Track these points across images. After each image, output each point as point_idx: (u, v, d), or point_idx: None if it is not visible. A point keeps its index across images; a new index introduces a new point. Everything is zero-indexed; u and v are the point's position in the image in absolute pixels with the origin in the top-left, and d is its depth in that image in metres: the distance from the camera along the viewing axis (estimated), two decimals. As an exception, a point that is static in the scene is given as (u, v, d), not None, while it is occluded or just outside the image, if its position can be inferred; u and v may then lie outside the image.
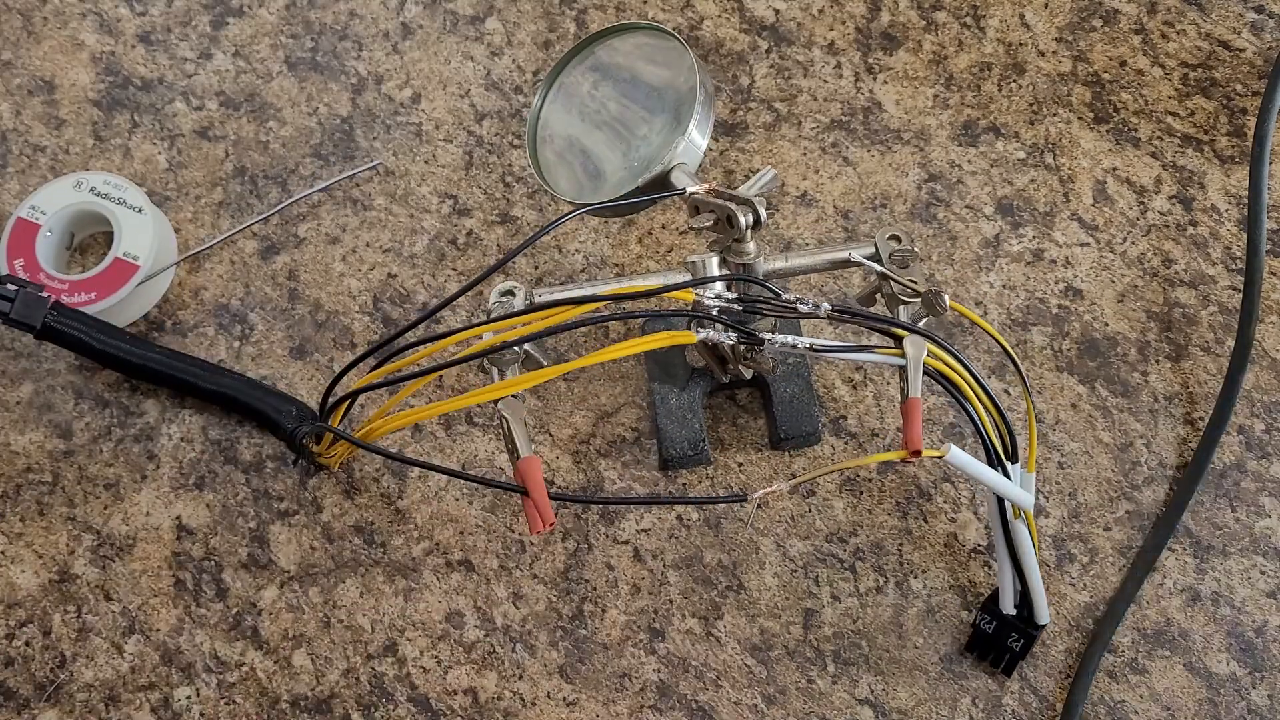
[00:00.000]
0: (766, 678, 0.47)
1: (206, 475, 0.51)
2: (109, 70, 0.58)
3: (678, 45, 0.44)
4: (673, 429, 0.49)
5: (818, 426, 0.49)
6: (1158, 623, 0.47)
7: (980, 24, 0.58)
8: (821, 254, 0.45)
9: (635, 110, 0.44)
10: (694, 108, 0.42)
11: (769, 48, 0.58)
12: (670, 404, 0.49)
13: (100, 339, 0.50)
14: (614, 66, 0.46)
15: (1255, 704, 0.46)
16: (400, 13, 0.59)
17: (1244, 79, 0.56)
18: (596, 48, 0.46)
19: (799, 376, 0.50)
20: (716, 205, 0.41)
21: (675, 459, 0.49)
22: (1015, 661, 0.46)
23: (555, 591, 0.48)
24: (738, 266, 0.43)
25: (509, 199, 0.55)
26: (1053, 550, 0.48)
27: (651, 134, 0.44)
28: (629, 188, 0.42)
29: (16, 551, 0.50)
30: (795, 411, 0.49)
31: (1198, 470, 0.48)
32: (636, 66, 0.45)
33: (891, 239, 0.44)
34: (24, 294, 0.49)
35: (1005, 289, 0.53)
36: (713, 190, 0.41)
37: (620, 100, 0.45)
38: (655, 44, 0.45)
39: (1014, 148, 0.55)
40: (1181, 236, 0.53)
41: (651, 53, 0.45)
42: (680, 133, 0.42)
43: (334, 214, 0.55)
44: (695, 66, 0.42)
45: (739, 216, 0.41)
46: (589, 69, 0.46)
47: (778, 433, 0.49)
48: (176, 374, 0.50)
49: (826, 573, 0.48)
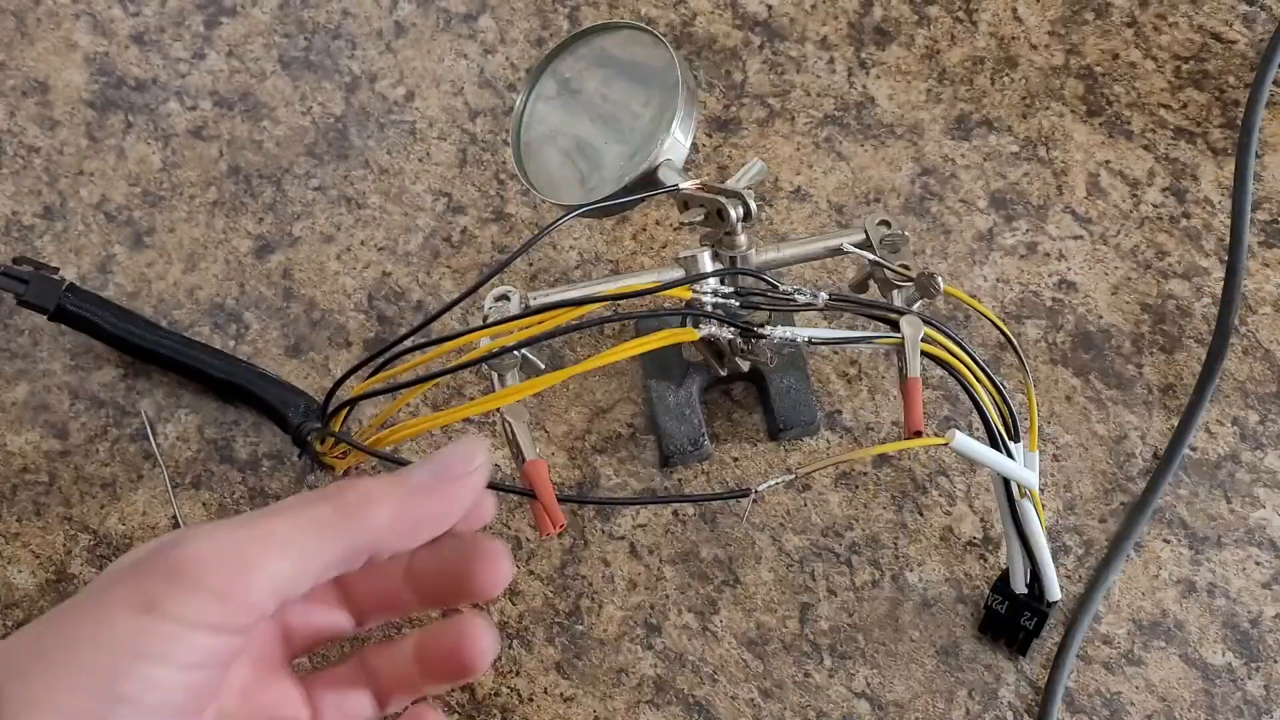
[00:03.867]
0: (763, 672, 0.47)
1: (203, 474, 0.51)
2: (102, 71, 0.58)
3: (658, 42, 0.44)
4: (672, 425, 0.49)
5: (816, 416, 0.49)
6: (1153, 614, 0.47)
7: (973, 18, 0.58)
8: (812, 243, 0.45)
9: (618, 109, 0.44)
10: (677, 104, 0.42)
11: (762, 43, 0.58)
12: (668, 400, 0.50)
13: (113, 322, 0.50)
14: (595, 66, 0.45)
15: (1251, 694, 0.46)
16: (393, 11, 0.59)
17: (1236, 71, 0.56)
18: (577, 47, 0.46)
19: (795, 367, 0.50)
20: (706, 199, 0.41)
21: (676, 454, 0.49)
22: (1030, 640, 0.46)
23: (552, 588, 0.49)
24: (729, 259, 0.43)
25: (503, 196, 0.55)
26: (1048, 542, 0.48)
27: (636, 132, 0.44)
28: (616, 188, 0.42)
29: (13, 552, 0.50)
30: (793, 402, 0.49)
31: (1170, 459, 0.49)
32: (618, 65, 0.45)
33: (881, 224, 0.44)
34: (38, 276, 0.49)
35: (999, 282, 0.53)
36: (702, 185, 0.42)
37: (603, 99, 0.45)
38: (636, 42, 0.45)
39: (1007, 141, 0.55)
40: (1175, 229, 0.53)
41: (632, 51, 0.45)
42: (665, 130, 0.42)
43: (328, 212, 0.55)
44: (676, 63, 0.42)
45: (729, 210, 0.41)
46: (570, 69, 0.46)
47: (776, 423, 0.49)
48: (187, 360, 0.50)
49: (822, 567, 0.48)
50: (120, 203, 0.56)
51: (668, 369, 0.50)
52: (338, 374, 0.52)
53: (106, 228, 0.55)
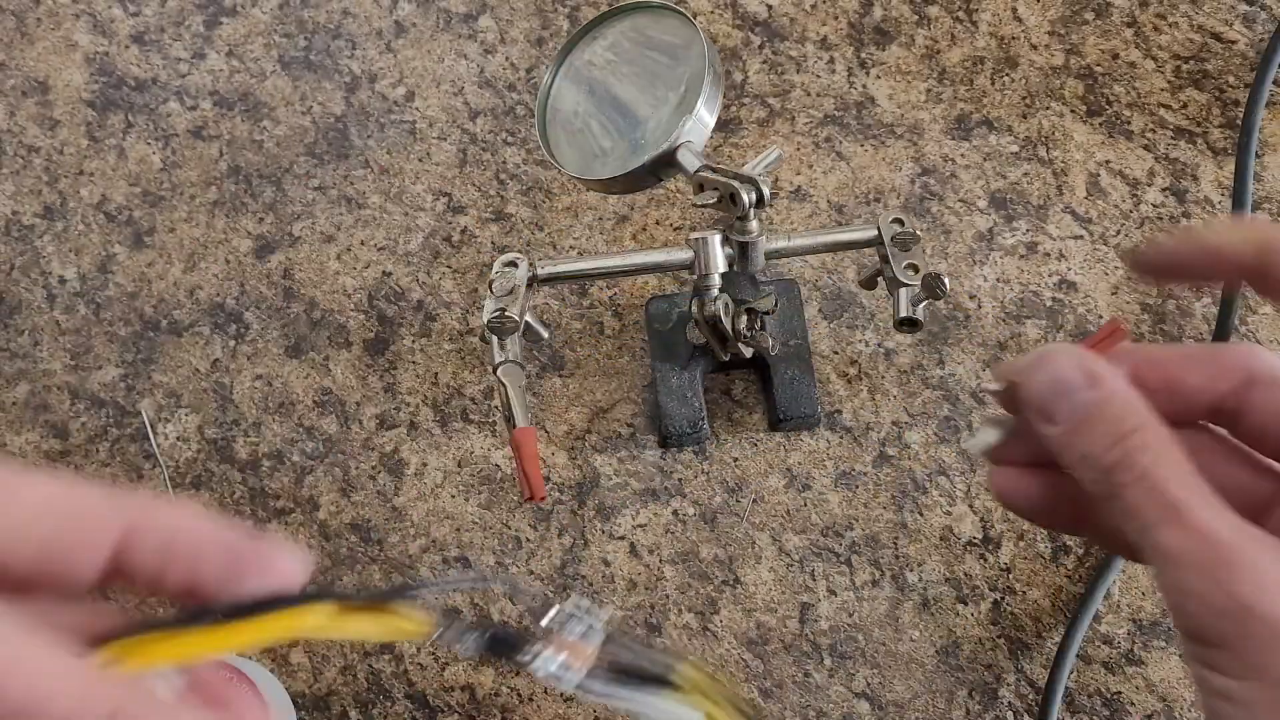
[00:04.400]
0: (763, 672, 0.47)
1: (203, 474, 0.51)
2: (103, 71, 0.58)
3: (687, 24, 0.44)
4: (673, 407, 0.49)
5: (816, 409, 0.49)
6: (1153, 614, 0.47)
7: (973, 18, 0.58)
8: (824, 236, 0.45)
9: (643, 89, 0.45)
10: (702, 87, 0.42)
11: (762, 43, 0.58)
12: (671, 382, 0.50)
13: None
14: (623, 46, 0.46)
15: (1251, 694, 0.46)
16: (393, 11, 0.59)
17: (1236, 71, 0.56)
18: (606, 27, 0.46)
19: (800, 359, 0.50)
20: (721, 183, 0.42)
21: (675, 435, 0.49)
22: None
23: (552, 587, 0.49)
24: (740, 245, 0.43)
25: (503, 196, 0.55)
26: (1048, 542, 0.48)
27: (659, 113, 0.44)
28: (633, 166, 0.43)
29: (13, 552, 0.50)
30: (795, 393, 0.49)
31: None
32: (646, 45, 0.46)
33: (894, 222, 0.44)
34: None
35: (999, 282, 0.53)
36: (718, 168, 0.42)
37: (628, 79, 0.45)
38: (664, 23, 0.45)
39: (1007, 141, 0.55)
40: (1175, 229, 0.53)
41: (660, 32, 0.45)
42: (688, 111, 0.42)
43: (328, 212, 0.55)
44: (705, 46, 0.43)
45: (742, 194, 0.41)
46: (599, 48, 0.46)
47: (776, 413, 0.49)
48: None
49: (822, 566, 0.48)
50: (120, 203, 0.56)
51: (674, 352, 0.50)
52: (338, 373, 0.52)
53: (106, 228, 0.55)
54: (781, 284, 0.51)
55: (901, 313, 0.43)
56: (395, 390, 0.52)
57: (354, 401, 0.52)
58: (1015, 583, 0.48)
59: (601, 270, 0.43)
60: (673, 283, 0.53)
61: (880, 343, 0.52)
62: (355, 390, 0.52)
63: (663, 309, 0.51)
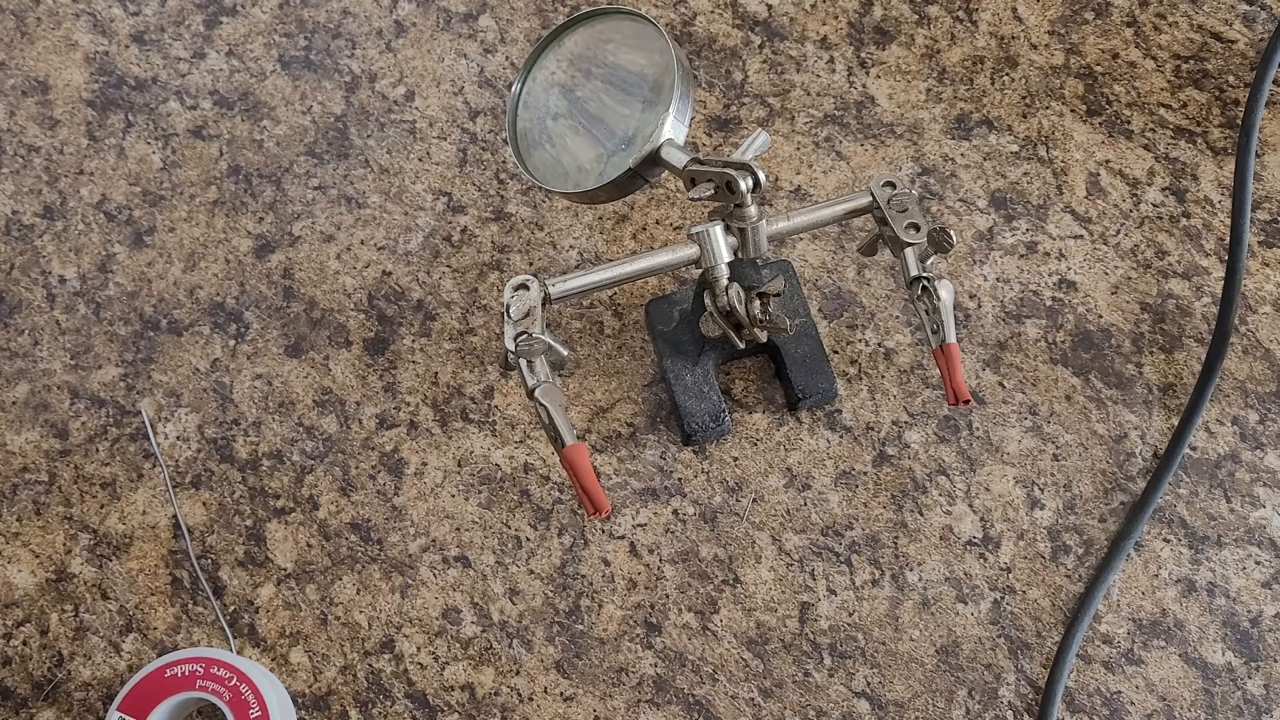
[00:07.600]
0: (763, 671, 0.47)
1: (203, 474, 0.51)
2: (103, 70, 0.58)
3: (650, 27, 0.44)
4: (691, 403, 0.49)
5: (834, 382, 0.49)
6: (1153, 613, 0.47)
7: (973, 17, 0.58)
8: (822, 210, 0.45)
9: (615, 94, 0.45)
10: (673, 85, 0.42)
11: (762, 43, 0.58)
12: (686, 380, 0.50)
13: None
14: (589, 53, 0.46)
15: (1251, 694, 0.46)
16: (393, 10, 0.59)
17: (1236, 70, 0.56)
18: (568, 35, 0.46)
19: (808, 335, 0.50)
20: (714, 173, 0.42)
21: (698, 431, 0.49)
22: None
23: (552, 587, 0.49)
24: (741, 231, 0.43)
25: (503, 195, 0.55)
26: (1048, 542, 0.48)
27: (633, 116, 0.44)
28: (617, 172, 0.42)
29: (13, 551, 0.50)
30: (810, 369, 0.49)
31: (1170, 459, 0.49)
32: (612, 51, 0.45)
33: (886, 185, 0.44)
34: None
35: (999, 282, 0.53)
36: (707, 159, 0.42)
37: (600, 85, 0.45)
38: (628, 28, 0.45)
39: (1007, 141, 0.55)
40: (1175, 228, 0.53)
41: (625, 36, 0.45)
42: (664, 110, 0.42)
43: (328, 212, 0.55)
44: (669, 45, 0.43)
45: (738, 181, 0.41)
46: (564, 56, 0.46)
47: (795, 393, 0.49)
48: None
49: (822, 566, 0.48)
50: (120, 202, 0.56)
51: (682, 348, 0.50)
52: (338, 373, 0.52)
53: (107, 227, 0.55)
54: (778, 265, 0.51)
55: (913, 272, 0.43)
56: (395, 390, 0.52)
57: (354, 401, 0.52)
58: (1015, 582, 0.48)
59: (611, 281, 0.43)
60: (671, 282, 0.53)
61: (880, 342, 0.52)
62: (355, 390, 0.52)
63: (663, 310, 0.51)
